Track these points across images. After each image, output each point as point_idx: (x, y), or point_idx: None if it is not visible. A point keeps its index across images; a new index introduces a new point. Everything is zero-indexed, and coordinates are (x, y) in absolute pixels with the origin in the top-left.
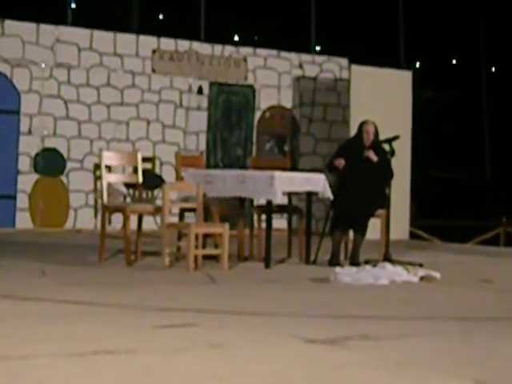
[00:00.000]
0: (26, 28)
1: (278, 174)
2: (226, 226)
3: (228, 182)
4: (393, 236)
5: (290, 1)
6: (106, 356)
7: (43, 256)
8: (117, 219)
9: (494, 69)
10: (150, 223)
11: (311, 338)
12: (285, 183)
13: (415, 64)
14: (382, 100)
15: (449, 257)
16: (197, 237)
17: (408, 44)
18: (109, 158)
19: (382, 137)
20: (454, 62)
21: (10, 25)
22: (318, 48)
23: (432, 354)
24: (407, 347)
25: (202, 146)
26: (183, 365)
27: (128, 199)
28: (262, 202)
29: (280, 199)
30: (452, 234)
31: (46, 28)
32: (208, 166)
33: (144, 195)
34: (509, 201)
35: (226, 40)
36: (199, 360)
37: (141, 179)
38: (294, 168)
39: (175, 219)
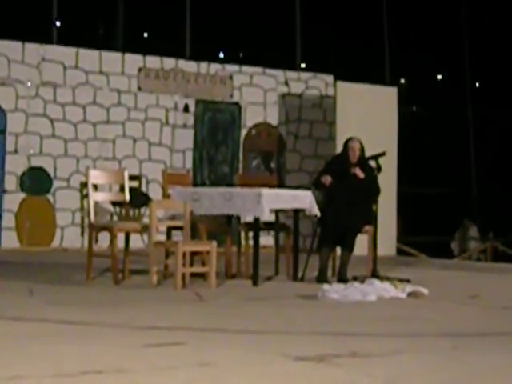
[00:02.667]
0: (12, 47)
1: (265, 191)
2: (214, 243)
3: (215, 200)
4: (380, 252)
5: (276, 18)
6: (96, 376)
7: (30, 275)
8: (104, 238)
9: (478, 84)
10: (137, 241)
11: (300, 355)
12: (272, 200)
13: (400, 80)
14: (367, 116)
15: (436, 272)
16: (184, 255)
17: (393, 60)
18: (95, 176)
19: (368, 153)
20: (439, 77)
21: None
22: (303, 65)
23: (422, 371)
24: (396, 364)
25: (189, 164)
26: None
27: (115, 217)
28: (250, 219)
29: (267, 216)
30: (439, 249)
31: (31, 47)
32: (195, 184)
33: (131, 213)
34: (495, 216)
35: (212, 57)
36: (189, 379)
37: (128, 197)
38: (280, 185)
39: (162, 237)
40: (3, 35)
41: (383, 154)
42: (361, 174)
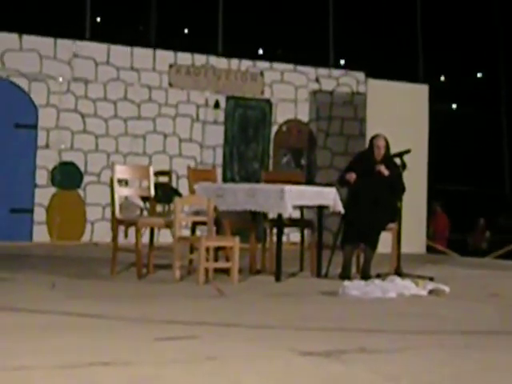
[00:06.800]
0: (44, 43)
1: (288, 187)
2: (237, 239)
3: (239, 196)
4: (409, 250)
5: (308, 15)
6: (101, 368)
7: (56, 269)
8: (134, 232)
9: None
10: (166, 237)
11: (308, 350)
12: (295, 197)
13: (434, 78)
14: (398, 114)
15: (463, 271)
16: (208, 250)
17: (430, 58)
18: (121, 171)
19: (396, 150)
20: (474, 77)
21: (27, 40)
22: (342, 61)
23: (426, 368)
24: (402, 360)
25: (219, 160)
26: (175, 377)
27: (145, 213)
28: (273, 215)
29: (289, 213)
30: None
31: (63, 43)
32: (225, 180)
33: (161, 209)
34: None
35: (244, 54)
36: (193, 372)
37: (153, 193)
38: (309, 182)
39: (188, 233)
40: (36, 31)
41: (408, 151)
42: (385, 172)
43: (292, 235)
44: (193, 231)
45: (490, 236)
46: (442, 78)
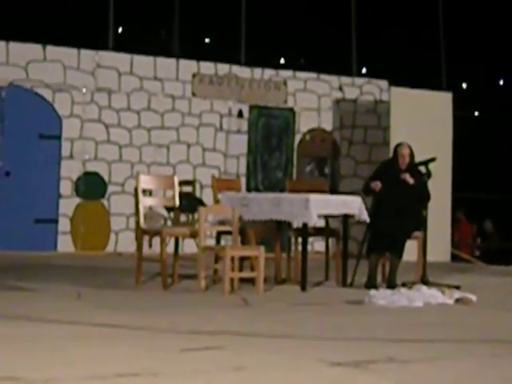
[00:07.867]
0: (67, 53)
1: (313, 196)
2: (262, 248)
3: (263, 205)
4: (434, 258)
5: (331, 23)
6: (130, 379)
7: (81, 279)
8: (158, 242)
9: None
10: (191, 246)
11: (337, 361)
12: (320, 206)
13: (462, 85)
14: (422, 122)
15: (489, 279)
16: (233, 259)
17: (452, 65)
18: (145, 181)
19: (420, 158)
20: (497, 84)
21: (51, 50)
22: (364, 70)
23: (455, 378)
24: (431, 370)
25: (243, 170)
26: None
27: (169, 222)
28: (298, 224)
29: (314, 222)
30: (497, 256)
31: (86, 53)
32: (248, 189)
33: (185, 218)
34: None
35: (267, 63)
36: (221, 383)
37: (177, 203)
38: (334, 190)
39: (213, 242)
40: (59, 42)
41: (433, 159)
42: (410, 180)
43: (317, 244)
44: (217, 241)
45: (480, 243)
46: (464, 86)
